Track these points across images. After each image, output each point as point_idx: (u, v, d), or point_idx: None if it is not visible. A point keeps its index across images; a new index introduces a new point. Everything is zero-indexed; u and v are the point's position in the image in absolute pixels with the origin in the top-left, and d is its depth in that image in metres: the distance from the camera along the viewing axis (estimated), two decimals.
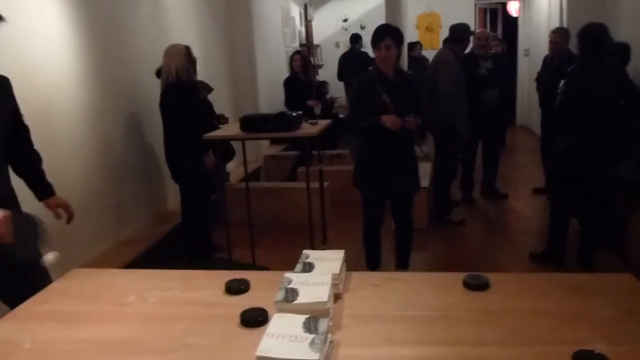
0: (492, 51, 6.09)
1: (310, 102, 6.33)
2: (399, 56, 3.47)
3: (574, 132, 3.74)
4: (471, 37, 5.23)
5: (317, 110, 6.27)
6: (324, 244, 3.67)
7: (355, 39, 9.01)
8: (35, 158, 2.39)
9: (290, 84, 6.52)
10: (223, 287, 1.77)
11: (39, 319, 1.64)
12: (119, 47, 4.28)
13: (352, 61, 8.35)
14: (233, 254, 4.02)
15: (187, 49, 3.96)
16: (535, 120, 8.94)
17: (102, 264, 3.66)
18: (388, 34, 3.38)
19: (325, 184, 4.50)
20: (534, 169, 7.01)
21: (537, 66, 5.90)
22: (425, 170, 5.51)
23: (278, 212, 5.10)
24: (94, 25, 3.92)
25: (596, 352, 1.29)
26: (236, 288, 1.75)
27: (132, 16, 4.50)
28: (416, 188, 3.72)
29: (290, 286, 1.56)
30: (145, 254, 4.02)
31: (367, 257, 3.77)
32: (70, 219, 2.42)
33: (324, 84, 8.94)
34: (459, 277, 1.76)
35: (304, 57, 6.78)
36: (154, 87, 4.12)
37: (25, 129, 2.36)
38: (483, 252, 4.53)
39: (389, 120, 3.30)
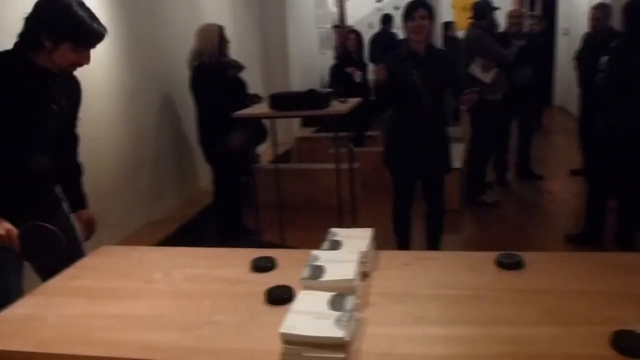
0: (528, 30, 5.91)
1: (349, 69, 6.16)
2: (430, 33, 3.38)
3: (616, 110, 3.59)
4: (496, 14, 5.08)
5: (357, 77, 6.10)
6: (354, 224, 3.63)
7: (386, 19, 8.86)
8: (78, 170, 2.33)
9: (342, 64, 6.36)
10: (249, 265, 1.75)
11: (67, 295, 1.64)
12: (153, 28, 4.28)
13: (382, 42, 8.21)
14: (264, 236, 4.03)
15: (221, 29, 3.92)
16: (573, 101, 8.68)
17: (133, 243, 3.69)
18: (422, 4, 3.30)
19: (356, 165, 4.45)
20: (571, 150, 6.82)
21: (577, 45, 5.70)
22: (458, 151, 5.41)
23: (309, 194, 5.07)
24: (128, 6, 3.91)
25: (637, 332, 1.23)
26: (262, 266, 1.73)
27: None
28: (447, 169, 3.63)
29: (316, 263, 1.52)
30: (175, 234, 4.05)
31: (396, 239, 3.72)
32: (88, 237, 2.31)
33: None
34: (492, 256, 1.70)
35: (358, 35, 6.61)
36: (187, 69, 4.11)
37: (75, 138, 2.30)
38: (517, 233, 4.42)
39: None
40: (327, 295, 1.33)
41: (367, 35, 10.44)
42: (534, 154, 5.88)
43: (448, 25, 8.52)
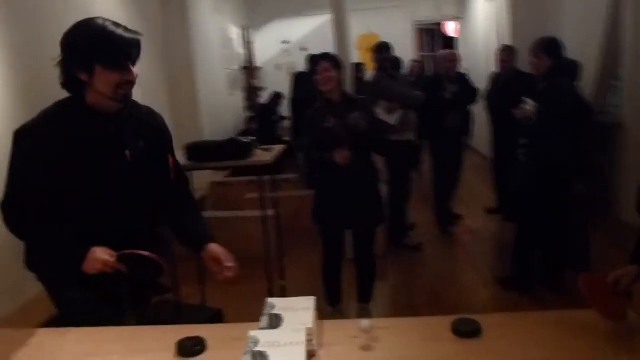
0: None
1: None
2: (339, 81, 3.30)
3: (544, 143, 3.61)
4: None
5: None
6: (282, 280, 3.40)
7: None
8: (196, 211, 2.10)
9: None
10: (174, 349, 1.49)
11: None
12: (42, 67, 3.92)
13: (307, 81, 8.02)
14: (181, 294, 3.70)
15: None
16: (478, 139, 8.96)
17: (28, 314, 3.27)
18: (325, 57, 3.28)
19: (271, 211, 4.25)
20: (482, 187, 6.97)
21: (477, 85, 5.82)
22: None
23: (228, 243, 4.74)
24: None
25: None
26: (190, 350, 1.48)
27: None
28: (380, 219, 3.51)
29: (257, 349, 1.30)
30: None
31: (327, 294, 3.54)
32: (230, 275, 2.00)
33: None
34: (447, 321, 1.55)
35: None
36: None
37: (184, 179, 2.08)
38: (445, 277, 4.36)
39: (338, 156, 3.14)
40: None
41: (275, 77, 10.41)
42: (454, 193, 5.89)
43: (358, 67, 8.58)
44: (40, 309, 2.04)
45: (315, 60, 3.30)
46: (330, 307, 3.56)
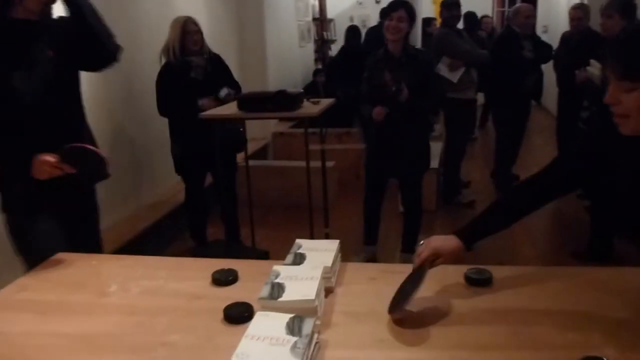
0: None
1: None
2: (408, 33, 3.35)
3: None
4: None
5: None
6: (326, 227, 3.56)
7: (385, 13, 8.61)
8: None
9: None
10: (210, 278, 1.67)
11: (14, 309, 1.56)
12: (120, 19, 4.15)
13: (380, 36, 7.98)
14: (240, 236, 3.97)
15: (185, 22, 3.68)
16: (550, 99, 8.70)
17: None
18: (403, 5, 3.31)
19: (331, 163, 4.37)
20: (550, 149, 6.83)
21: (556, 44, 5.66)
22: (435, 151, 5.38)
23: (284, 191, 4.99)
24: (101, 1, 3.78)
25: (604, 359, 1.19)
26: (223, 279, 1.66)
27: None
28: (424, 168, 3.61)
29: (277, 280, 1.45)
30: (145, 233, 3.96)
31: (364, 231, 3.78)
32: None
33: None
34: (461, 270, 1.65)
35: None
36: (155, 61, 3.98)
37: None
38: (493, 235, 4.39)
39: (374, 112, 3.29)
40: (285, 317, 1.27)
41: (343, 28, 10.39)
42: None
43: (428, 22, 8.44)
44: None
45: (393, 6, 3.34)
46: (365, 246, 3.76)
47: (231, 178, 3.97)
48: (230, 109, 3.33)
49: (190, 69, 3.68)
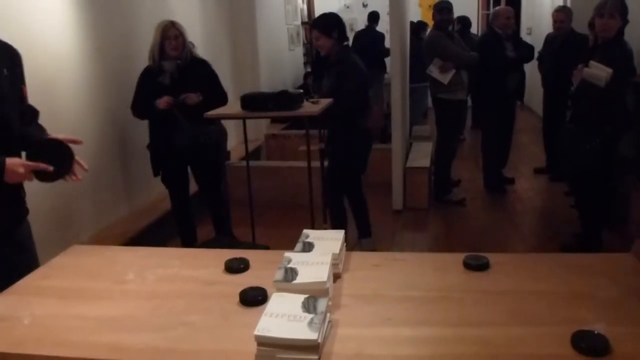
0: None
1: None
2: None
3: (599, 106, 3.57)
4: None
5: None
6: (325, 223, 3.66)
7: (373, 17, 8.72)
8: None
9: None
10: (223, 266, 1.77)
11: (39, 295, 1.64)
12: (120, 23, 4.24)
13: (366, 41, 8.12)
14: (234, 233, 4.03)
15: (165, 27, 3.73)
16: (534, 99, 8.88)
17: (99, 242, 3.67)
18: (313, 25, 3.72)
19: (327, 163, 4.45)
20: (535, 149, 6.99)
21: (540, 45, 5.82)
22: (425, 150, 5.51)
23: (279, 191, 5.09)
24: (97, 3, 3.87)
25: (595, 332, 1.29)
26: (236, 267, 1.75)
27: None
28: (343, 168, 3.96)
29: (289, 265, 1.55)
30: (144, 231, 4.03)
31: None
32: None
33: None
34: (459, 257, 1.75)
35: None
36: None
37: (33, 111, 2.15)
38: (484, 232, 4.53)
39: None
40: (300, 297, 1.36)
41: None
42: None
43: (423, 26, 8.57)
44: None
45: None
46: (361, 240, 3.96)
47: (216, 178, 4.04)
48: (232, 108, 3.42)
49: (160, 74, 3.76)
